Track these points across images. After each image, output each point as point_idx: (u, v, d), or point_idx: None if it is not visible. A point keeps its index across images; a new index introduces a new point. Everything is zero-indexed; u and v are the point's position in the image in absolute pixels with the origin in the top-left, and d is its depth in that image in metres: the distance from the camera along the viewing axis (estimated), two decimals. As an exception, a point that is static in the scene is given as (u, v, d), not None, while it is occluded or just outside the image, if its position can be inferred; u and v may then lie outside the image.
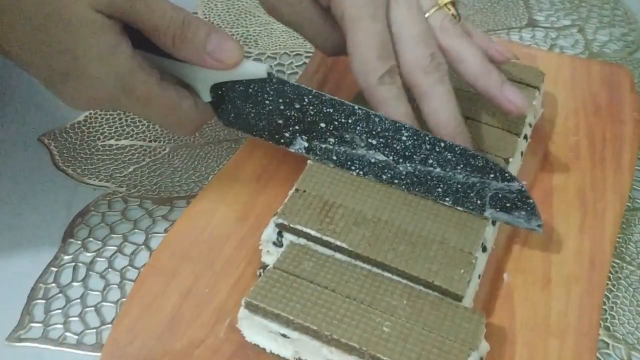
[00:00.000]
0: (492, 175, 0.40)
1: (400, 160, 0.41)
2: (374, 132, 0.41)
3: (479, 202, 0.41)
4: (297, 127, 0.42)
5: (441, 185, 0.41)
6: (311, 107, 0.41)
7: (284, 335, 0.37)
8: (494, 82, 0.43)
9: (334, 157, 0.43)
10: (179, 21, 0.36)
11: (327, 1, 0.41)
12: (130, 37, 0.37)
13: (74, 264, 0.45)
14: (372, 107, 0.41)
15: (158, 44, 0.37)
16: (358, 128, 0.41)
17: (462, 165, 0.40)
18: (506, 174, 0.40)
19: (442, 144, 0.40)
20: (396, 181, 0.42)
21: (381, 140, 0.41)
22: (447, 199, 0.41)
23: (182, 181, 0.51)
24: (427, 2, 0.43)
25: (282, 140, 0.43)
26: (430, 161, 0.41)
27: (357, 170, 0.43)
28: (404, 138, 0.40)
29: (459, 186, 0.41)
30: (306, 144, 0.43)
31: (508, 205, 0.40)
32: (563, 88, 0.56)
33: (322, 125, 0.41)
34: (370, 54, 0.40)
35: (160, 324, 0.39)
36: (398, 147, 0.41)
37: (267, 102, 0.41)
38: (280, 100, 0.41)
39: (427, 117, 0.41)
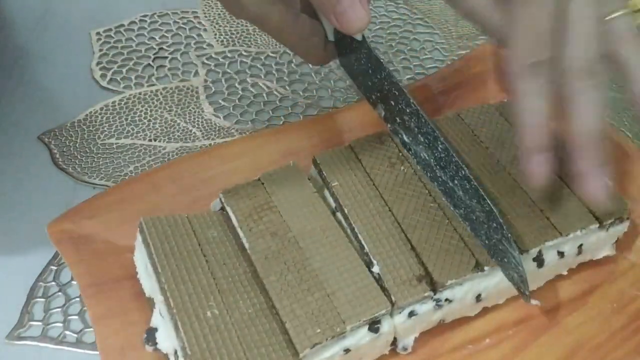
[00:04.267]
0: (494, 225, 0.38)
1: (438, 166, 0.41)
2: (421, 130, 0.41)
3: (486, 241, 0.39)
4: (378, 94, 0.44)
5: (463, 208, 0.40)
6: (386, 83, 0.42)
7: (149, 270, 0.38)
8: None
9: (400, 136, 0.44)
10: None
11: None
12: None
13: (73, 262, 0.45)
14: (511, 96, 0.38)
15: None
16: (412, 121, 0.42)
17: (475, 201, 0.39)
18: (508, 234, 0.37)
19: (463, 172, 0.39)
20: (435, 184, 0.42)
21: (425, 140, 0.41)
22: (466, 223, 0.41)
23: (181, 180, 0.51)
24: (614, 3, 0.38)
25: (370, 100, 0.45)
26: (456, 182, 0.40)
27: (414, 158, 0.44)
28: (439, 148, 0.40)
29: (474, 217, 0.39)
30: (383, 113, 0.44)
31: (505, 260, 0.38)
32: None
33: (392, 102, 0.43)
34: (527, 37, 0.37)
35: (123, 218, 0.43)
36: (435, 154, 0.41)
37: (362, 61, 0.43)
38: (369, 65, 0.43)
39: (568, 120, 0.38)
